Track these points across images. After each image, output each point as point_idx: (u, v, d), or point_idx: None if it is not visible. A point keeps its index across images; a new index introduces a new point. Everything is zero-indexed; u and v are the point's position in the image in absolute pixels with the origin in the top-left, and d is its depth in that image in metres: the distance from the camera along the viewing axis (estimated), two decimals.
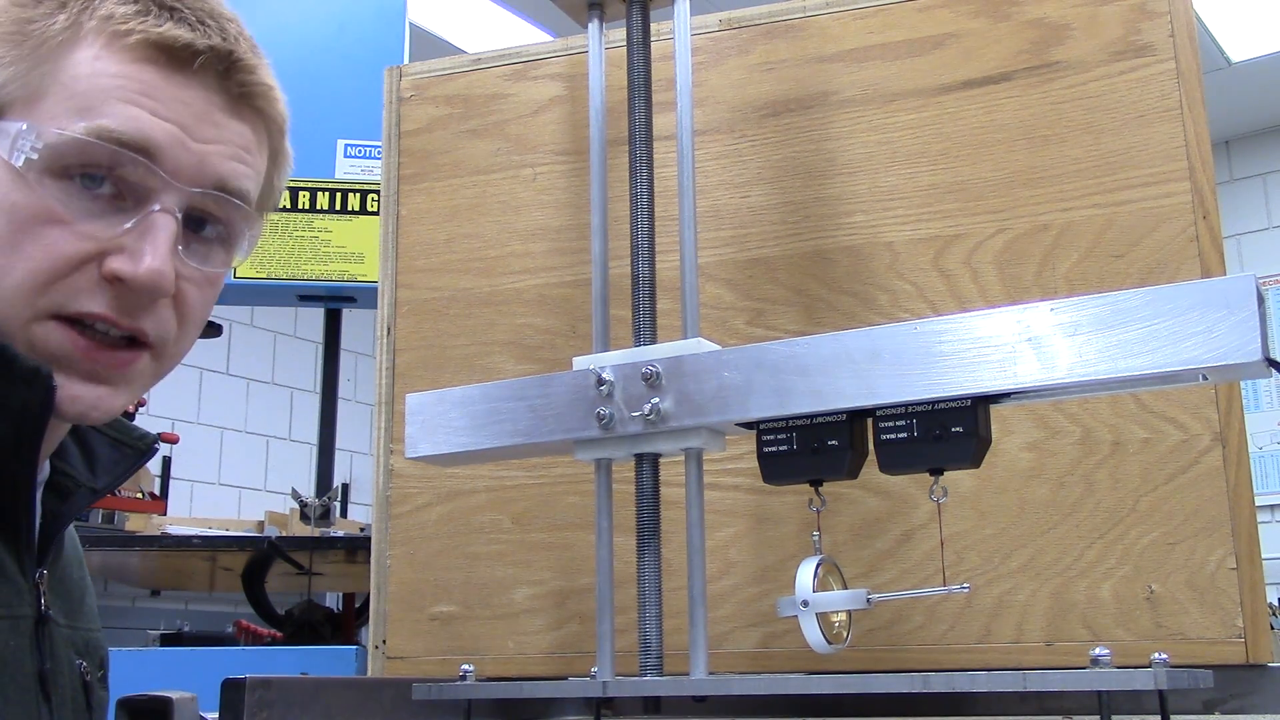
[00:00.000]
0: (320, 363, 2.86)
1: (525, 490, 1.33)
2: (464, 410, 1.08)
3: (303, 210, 2.48)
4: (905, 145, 1.25)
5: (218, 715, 0.93)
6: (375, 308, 1.44)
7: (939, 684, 0.87)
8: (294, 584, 2.55)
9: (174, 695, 0.90)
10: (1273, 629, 1.11)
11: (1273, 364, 0.79)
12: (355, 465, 4.21)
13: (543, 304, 1.36)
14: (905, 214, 1.24)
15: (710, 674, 1.00)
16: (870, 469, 0.95)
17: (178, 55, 0.79)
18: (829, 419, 0.94)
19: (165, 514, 2.99)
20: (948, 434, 0.89)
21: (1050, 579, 1.13)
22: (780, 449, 0.96)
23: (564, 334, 1.35)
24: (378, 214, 1.63)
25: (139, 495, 2.88)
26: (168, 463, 3.47)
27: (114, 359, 0.79)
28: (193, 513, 4.38)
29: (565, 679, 1.11)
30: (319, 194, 2.49)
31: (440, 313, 1.40)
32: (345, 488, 3.54)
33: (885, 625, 1.17)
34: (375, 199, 2.49)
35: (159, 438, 0.98)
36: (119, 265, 0.76)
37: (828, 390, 0.92)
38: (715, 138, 1.33)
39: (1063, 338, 0.84)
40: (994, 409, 0.91)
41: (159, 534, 2.63)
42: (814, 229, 1.27)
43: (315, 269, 2.47)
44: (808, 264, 1.27)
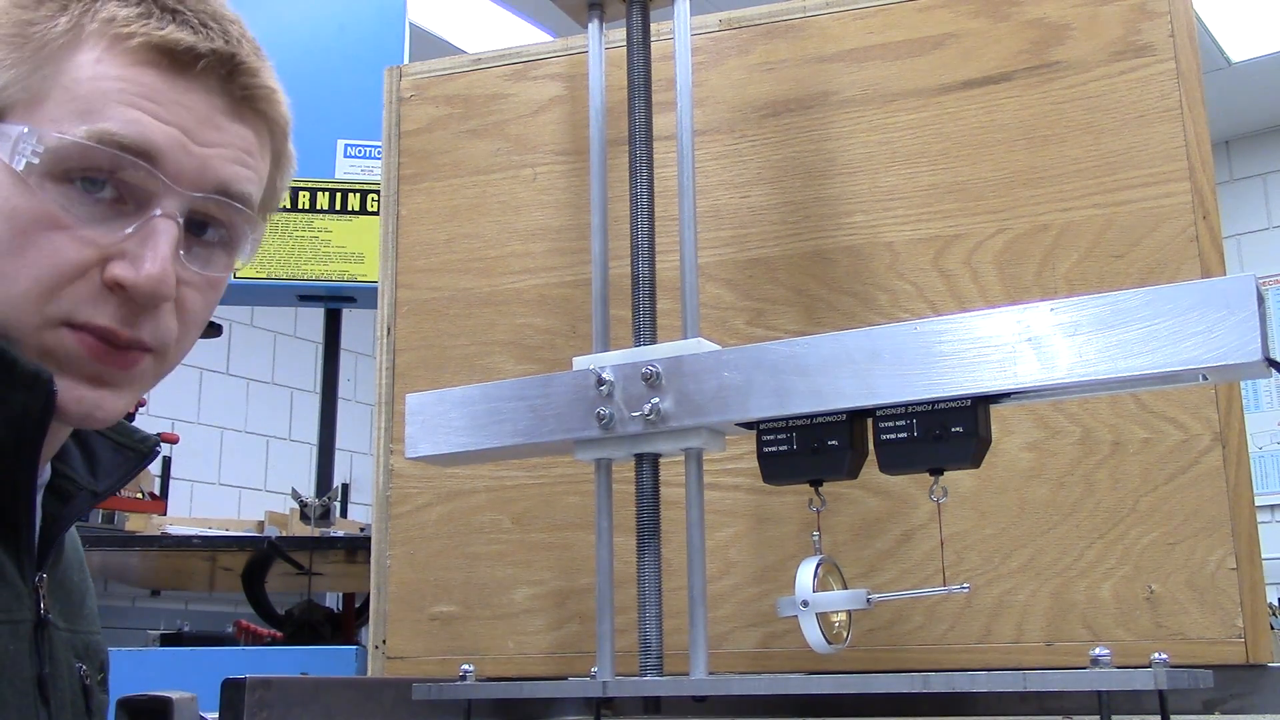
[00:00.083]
0: (320, 363, 2.86)
1: (525, 490, 1.33)
2: (464, 410, 1.08)
3: (303, 210, 2.48)
4: (905, 145, 1.25)
5: (218, 715, 0.93)
6: (375, 308, 1.44)
7: (939, 684, 0.87)
8: (294, 584, 2.55)
9: (174, 695, 0.90)
10: (1273, 629, 1.11)
11: (1273, 364, 0.79)
12: (355, 465, 4.21)
13: (543, 304, 1.36)
14: (905, 214, 1.24)
15: (710, 674, 1.00)
16: (870, 469, 0.95)
17: (180, 58, 0.78)
18: (829, 419, 0.94)
19: (165, 514, 2.99)
20: (948, 434, 0.89)
21: (1050, 579, 1.13)
22: (780, 449, 0.96)
23: (564, 334, 1.35)
24: (378, 214, 1.63)
25: (139, 495, 2.88)
26: (168, 463, 3.47)
27: (120, 360, 0.79)
28: (193, 513, 4.37)
29: (565, 679, 1.11)
30: (319, 194, 2.49)
31: (440, 313, 1.40)
32: (345, 488, 3.54)
33: (885, 625, 1.17)
34: (375, 199, 2.49)
35: (160, 440, 0.98)
36: (120, 271, 0.76)
37: (828, 390, 0.92)
38: (715, 138, 1.33)
39: (1063, 338, 0.84)
40: (994, 409, 0.91)
41: (159, 534, 2.63)
42: (814, 229, 1.27)
43: (315, 269, 2.47)
44: (808, 264, 1.27)
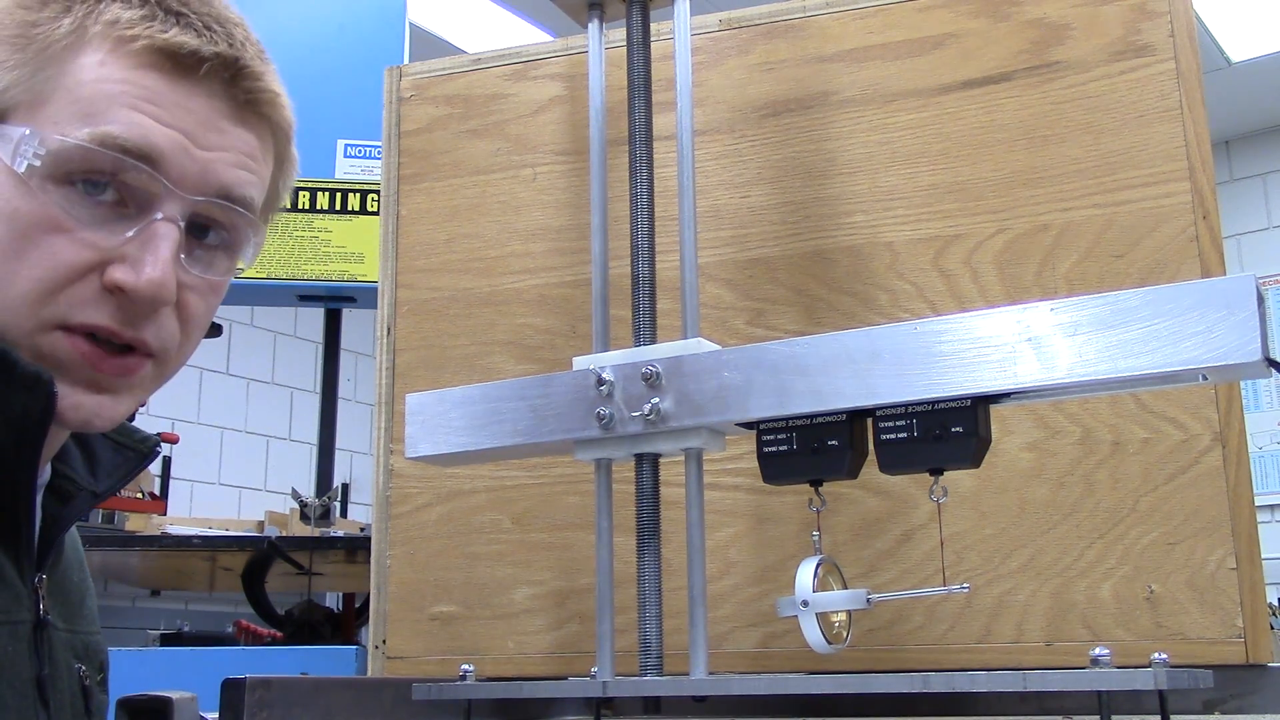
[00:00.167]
0: (320, 363, 2.86)
1: (525, 490, 1.33)
2: (464, 410, 1.08)
3: (303, 210, 2.48)
4: (905, 145, 1.25)
5: (218, 715, 0.93)
6: (375, 308, 1.44)
7: (939, 684, 0.87)
8: (294, 584, 2.55)
9: (174, 695, 0.90)
10: (1273, 629, 1.11)
11: (1273, 364, 0.79)
12: (355, 465, 4.21)
13: (543, 304, 1.36)
14: (905, 214, 1.24)
15: (710, 674, 1.00)
16: (870, 469, 0.95)
17: (183, 62, 0.78)
18: (829, 419, 0.94)
19: (165, 514, 2.99)
20: (948, 434, 0.89)
21: (1050, 579, 1.13)
22: (780, 449, 0.96)
23: (564, 334, 1.35)
24: (378, 214, 1.63)
25: (139, 495, 2.88)
26: (168, 463, 3.47)
27: (118, 366, 0.78)
28: (193, 513, 4.37)
29: (565, 679, 1.11)
30: (319, 194, 2.49)
31: (440, 313, 1.40)
32: (345, 488, 3.54)
33: (885, 625, 1.17)
34: (375, 199, 2.49)
35: (161, 440, 0.98)
36: (120, 275, 0.75)
37: (828, 390, 0.92)
38: (715, 138, 1.33)
39: (1063, 338, 0.84)
40: (994, 409, 0.91)
41: (159, 534, 2.63)
42: (814, 229, 1.27)
43: (315, 269, 2.47)
44: (808, 264, 1.27)
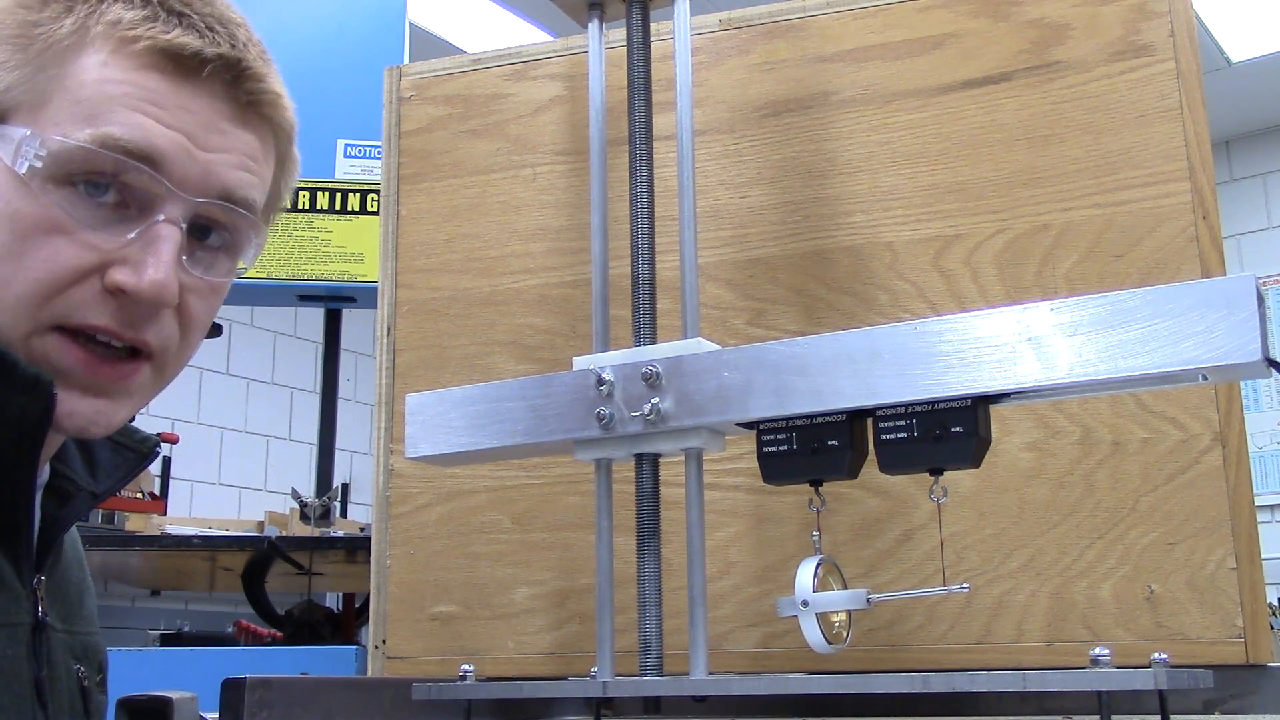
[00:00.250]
0: (320, 363, 2.86)
1: (525, 490, 1.33)
2: (464, 410, 1.08)
3: (303, 210, 2.48)
4: (905, 145, 1.25)
5: (218, 715, 0.93)
6: (375, 308, 1.44)
7: (939, 684, 0.87)
8: (294, 584, 2.55)
9: (174, 695, 0.89)
10: (1273, 629, 1.11)
11: (1273, 364, 0.79)
12: (355, 465, 4.21)
13: (543, 304, 1.36)
14: (905, 214, 1.24)
15: (710, 674, 1.00)
16: (870, 469, 0.95)
17: (186, 63, 0.78)
18: (829, 419, 0.94)
19: (165, 514, 2.99)
20: (948, 434, 0.89)
21: (1050, 579, 1.13)
22: (780, 449, 0.96)
23: (564, 334, 1.35)
24: (378, 214, 1.63)
25: (139, 495, 2.87)
26: (168, 463, 3.46)
27: (115, 372, 0.78)
28: (193, 513, 4.37)
29: (565, 679, 1.11)
30: (319, 194, 2.49)
31: (440, 313, 1.40)
32: (345, 488, 3.54)
33: (885, 625, 1.17)
34: (375, 199, 2.48)
35: (160, 440, 0.98)
36: (121, 277, 0.75)
37: (828, 390, 0.92)
38: (715, 138, 1.33)
39: (1063, 338, 0.84)
40: (994, 409, 0.91)
41: (159, 534, 2.63)
42: (814, 229, 1.27)
43: (315, 269, 2.47)
44: (808, 264, 1.27)
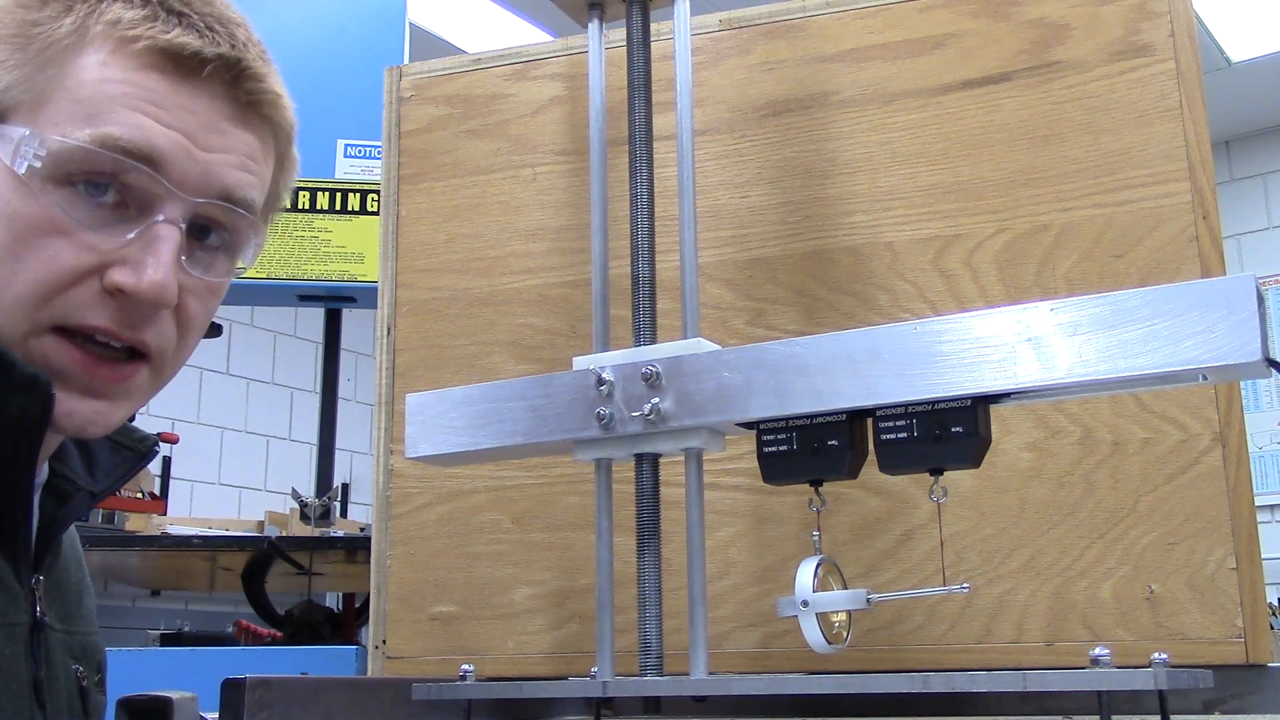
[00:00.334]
0: (320, 363, 2.86)
1: (525, 490, 1.33)
2: (464, 410, 1.08)
3: (303, 210, 2.48)
4: (905, 145, 1.25)
5: (218, 715, 0.93)
6: (375, 308, 1.44)
7: (939, 684, 0.87)
8: (294, 584, 2.55)
9: (174, 695, 0.89)
10: (1273, 629, 1.11)
11: (1273, 364, 0.79)
12: (355, 465, 4.21)
13: (543, 304, 1.36)
14: (905, 214, 1.24)
15: (710, 674, 1.00)
16: (870, 469, 0.95)
17: (186, 63, 0.77)
18: (829, 419, 0.94)
19: (165, 514, 2.99)
20: (948, 434, 0.89)
21: (1050, 579, 1.13)
22: (780, 449, 0.96)
23: (564, 334, 1.35)
24: (378, 214, 1.62)
25: (139, 495, 2.87)
26: (168, 463, 3.46)
27: (113, 373, 0.78)
28: (193, 513, 4.37)
29: (565, 679, 1.11)
30: (319, 194, 2.49)
31: (440, 313, 1.40)
32: (345, 488, 3.54)
33: (885, 625, 1.17)
34: (375, 199, 2.48)
35: (159, 439, 0.97)
36: (121, 277, 0.75)
37: (828, 390, 0.92)
38: (715, 138, 1.33)
39: (1063, 338, 0.84)
40: (994, 409, 0.91)
41: (159, 534, 2.63)
42: (814, 229, 1.27)
43: (315, 269, 2.47)
44: (808, 264, 1.27)
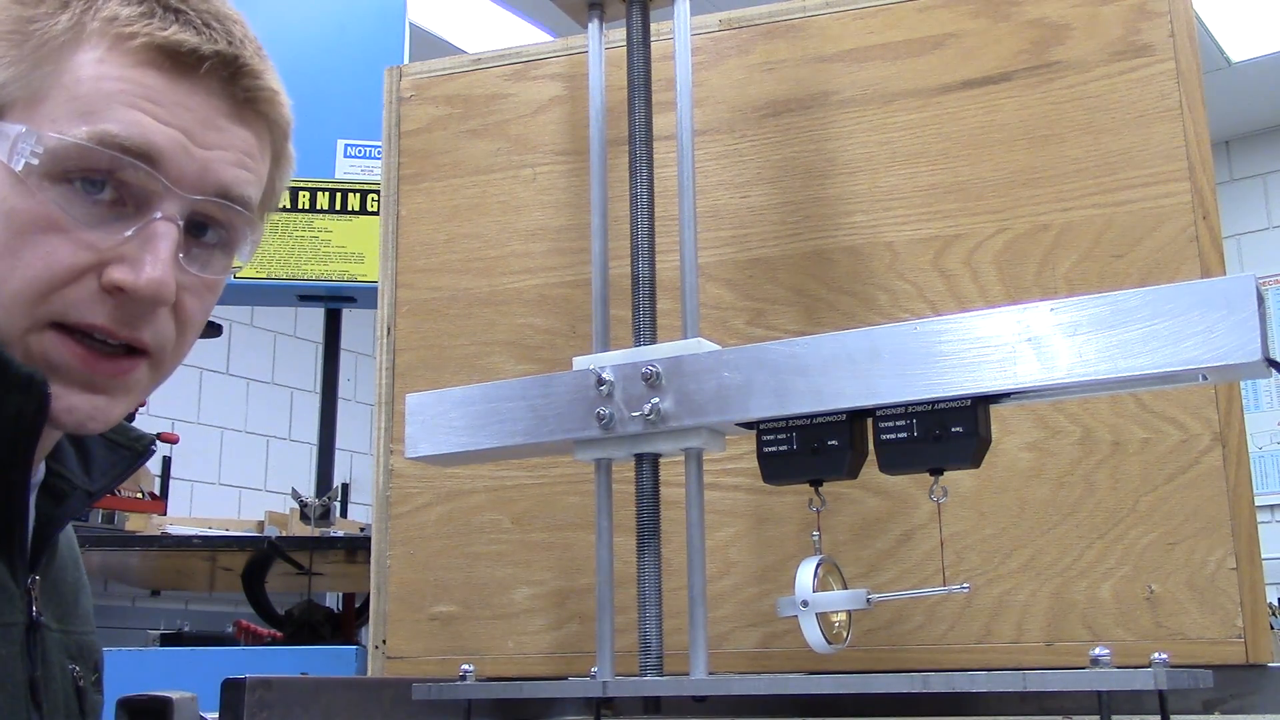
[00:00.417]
0: (320, 363, 2.86)
1: (525, 490, 1.33)
2: (464, 410, 1.08)
3: (303, 210, 2.48)
4: (905, 145, 1.25)
5: (218, 715, 0.93)
6: (375, 308, 1.44)
7: (939, 684, 0.87)
8: (294, 584, 2.55)
9: (174, 695, 0.89)
10: (1273, 629, 1.11)
11: (1273, 364, 0.79)
12: (355, 465, 4.21)
13: (543, 304, 1.36)
14: (905, 214, 1.24)
15: (710, 674, 1.00)
16: (870, 469, 0.95)
17: (183, 60, 0.77)
18: (829, 419, 0.94)
19: (165, 514, 2.99)
20: (948, 434, 0.89)
21: (1050, 579, 1.13)
22: (780, 449, 0.96)
23: (564, 334, 1.35)
24: (378, 214, 1.62)
25: (139, 495, 2.87)
26: (168, 463, 3.46)
27: (112, 368, 0.78)
28: (193, 513, 4.37)
29: (565, 679, 1.11)
30: (319, 194, 2.49)
31: (440, 313, 1.40)
32: (345, 488, 3.54)
33: (885, 625, 1.17)
34: (375, 199, 2.48)
35: (156, 439, 0.97)
36: (120, 275, 0.75)
37: (828, 390, 0.92)
38: (715, 138, 1.33)
39: (1063, 338, 0.84)
40: (994, 409, 0.91)
41: (159, 534, 2.62)
42: (814, 229, 1.27)
43: (315, 269, 2.47)
44: (808, 264, 1.27)
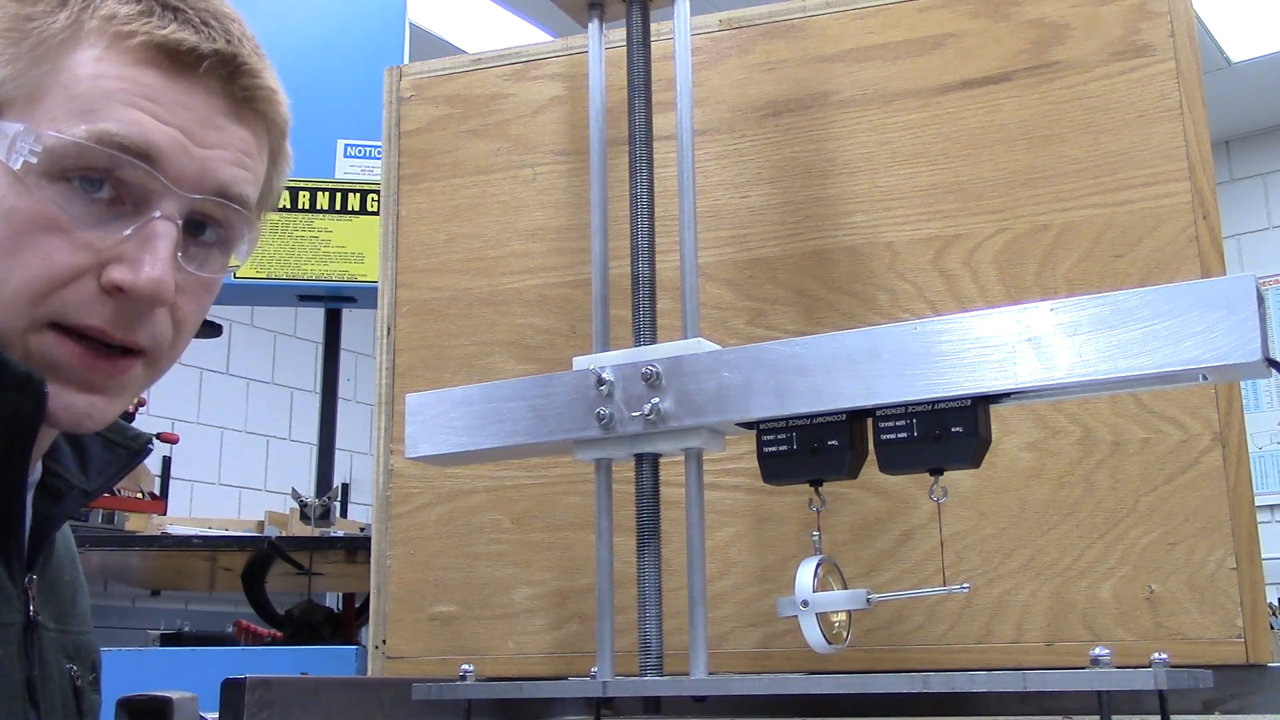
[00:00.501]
0: (320, 363, 2.86)
1: (525, 490, 1.33)
2: (464, 410, 1.08)
3: (303, 210, 2.48)
4: (905, 145, 1.25)
5: (218, 715, 0.93)
6: (375, 308, 1.44)
7: (939, 684, 0.87)
8: (294, 584, 2.55)
9: (174, 695, 0.89)
10: (1273, 629, 1.11)
11: (1273, 364, 0.79)
12: (355, 465, 4.21)
13: (543, 304, 1.36)
14: (905, 214, 1.24)
15: (710, 674, 1.00)
16: (870, 469, 0.95)
17: (182, 59, 0.77)
18: (829, 419, 0.94)
19: (165, 514, 2.99)
20: (948, 434, 0.89)
21: (1050, 579, 1.13)
22: (780, 449, 0.96)
23: (564, 334, 1.35)
24: (378, 214, 1.62)
25: (139, 495, 2.87)
26: (168, 463, 3.46)
27: (111, 367, 0.78)
28: (193, 513, 4.37)
29: (565, 679, 1.11)
30: (319, 194, 2.49)
31: (440, 313, 1.40)
32: (345, 488, 3.54)
33: (885, 625, 1.17)
34: (375, 199, 2.48)
35: (153, 438, 0.97)
36: (119, 275, 0.75)
37: (828, 390, 0.92)
38: (715, 138, 1.33)
39: (1063, 338, 0.84)
40: (994, 409, 0.91)
41: (159, 534, 2.63)
42: (814, 229, 1.27)
43: (315, 269, 2.47)
44: (808, 264, 1.27)
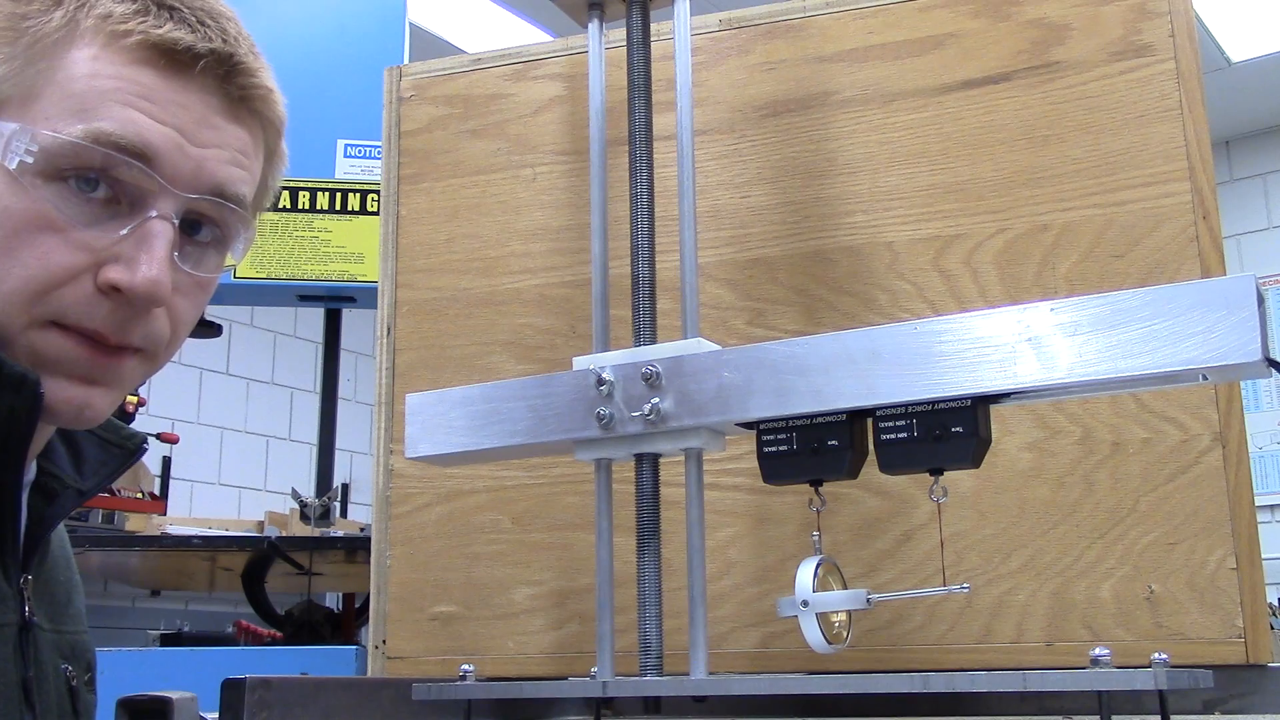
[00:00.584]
0: (320, 363, 2.86)
1: (525, 490, 1.33)
2: (464, 410, 1.08)
3: (303, 210, 2.48)
4: (905, 145, 1.25)
5: (218, 715, 0.93)
6: (375, 308, 1.44)
7: (939, 684, 0.87)
8: (294, 584, 2.55)
9: (174, 695, 0.89)
10: (1273, 629, 1.11)
11: (1273, 364, 0.79)
12: (355, 465, 4.21)
13: (543, 304, 1.36)
14: (905, 214, 1.24)
15: (710, 674, 1.00)
16: (870, 469, 0.95)
17: (178, 58, 0.77)
18: (829, 419, 0.94)
19: (165, 514, 2.99)
20: (948, 434, 0.89)
21: (1050, 579, 1.13)
22: (780, 449, 0.96)
23: (564, 334, 1.35)
24: (378, 214, 1.63)
25: (139, 495, 2.87)
26: (168, 463, 3.46)
27: (108, 359, 0.78)
28: (193, 513, 4.37)
29: (565, 679, 1.11)
30: (319, 194, 2.49)
31: (440, 313, 1.40)
32: (345, 488, 3.54)
33: (885, 625, 1.17)
34: (375, 199, 2.48)
35: (147, 437, 0.97)
36: (115, 275, 0.75)
37: (828, 390, 0.92)
38: (715, 138, 1.33)
39: (1063, 338, 0.84)
40: (994, 409, 0.91)
41: (159, 534, 2.63)
42: (814, 229, 1.27)
43: (315, 269, 2.47)
44: (808, 264, 1.27)
